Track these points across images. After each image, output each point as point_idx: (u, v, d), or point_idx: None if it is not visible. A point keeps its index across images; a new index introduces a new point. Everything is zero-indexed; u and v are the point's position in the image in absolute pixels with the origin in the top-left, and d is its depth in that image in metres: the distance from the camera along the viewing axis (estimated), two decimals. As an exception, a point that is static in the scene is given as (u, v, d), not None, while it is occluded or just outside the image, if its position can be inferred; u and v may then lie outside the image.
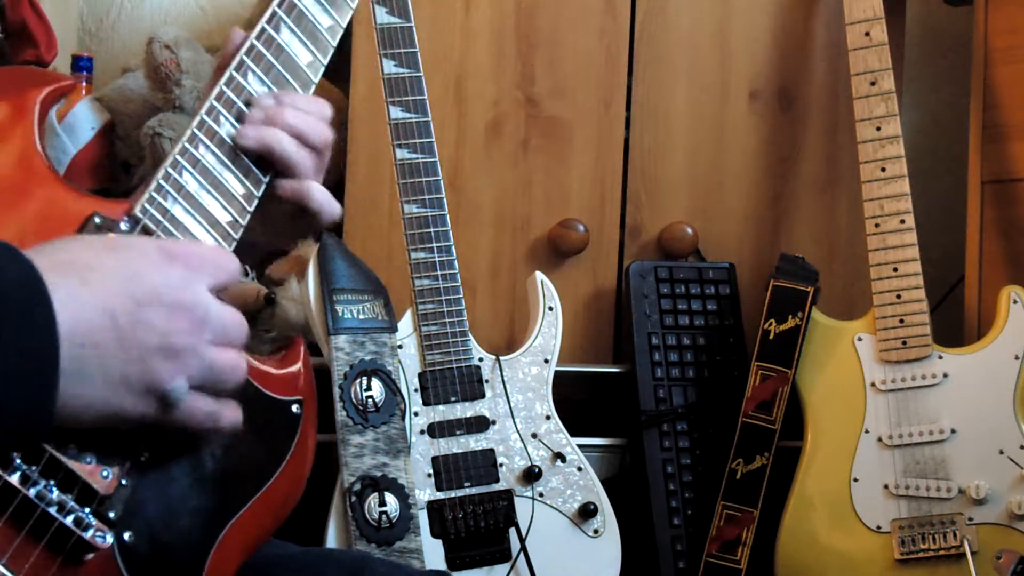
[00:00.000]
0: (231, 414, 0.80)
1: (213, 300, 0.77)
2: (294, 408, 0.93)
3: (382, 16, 1.61)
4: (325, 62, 0.95)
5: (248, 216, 0.89)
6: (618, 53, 1.93)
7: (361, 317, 1.59)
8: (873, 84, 1.76)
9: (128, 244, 0.76)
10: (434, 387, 1.63)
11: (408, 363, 1.62)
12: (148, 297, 0.74)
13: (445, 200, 1.62)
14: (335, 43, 0.95)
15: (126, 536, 0.80)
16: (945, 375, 1.71)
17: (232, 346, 0.79)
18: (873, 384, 1.72)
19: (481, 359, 1.66)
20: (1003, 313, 1.72)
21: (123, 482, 0.80)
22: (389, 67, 1.61)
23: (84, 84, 2.15)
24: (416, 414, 1.61)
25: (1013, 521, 1.66)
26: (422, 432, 1.61)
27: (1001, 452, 1.68)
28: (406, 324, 1.63)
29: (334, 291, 1.58)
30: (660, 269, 1.84)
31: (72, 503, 0.77)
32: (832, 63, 1.95)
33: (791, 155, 1.96)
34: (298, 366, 0.95)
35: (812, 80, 1.96)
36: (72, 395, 0.70)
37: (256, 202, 0.90)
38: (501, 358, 1.67)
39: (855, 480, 1.70)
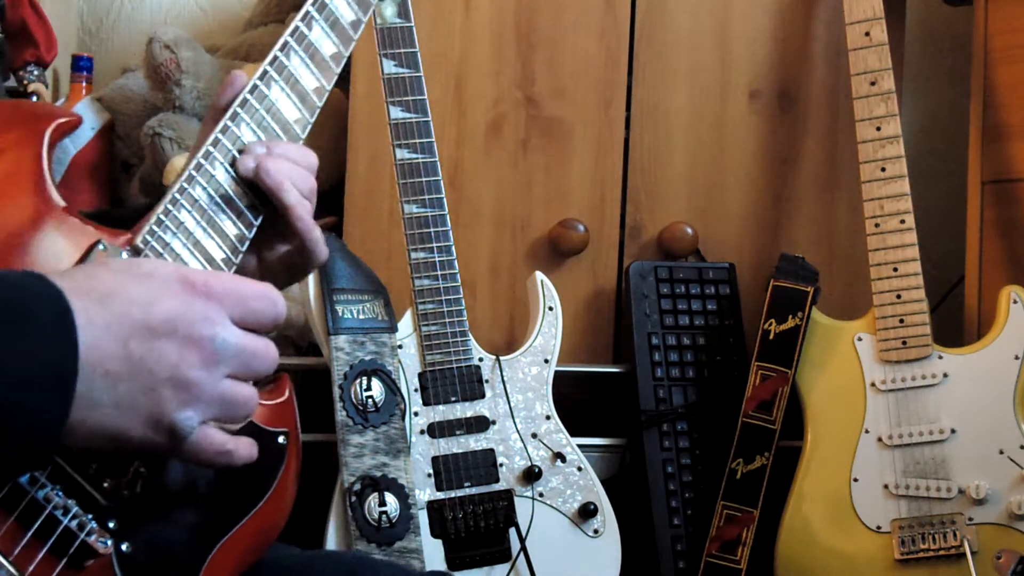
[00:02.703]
0: (245, 451, 0.80)
1: (233, 332, 0.77)
2: (280, 439, 0.95)
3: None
4: (311, 120, 1.00)
5: (240, 256, 0.92)
6: (618, 53, 1.93)
7: (361, 317, 1.59)
8: (873, 84, 1.76)
9: (152, 271, 0.76)
10: (434, 387, 1.63)
11: (408, 363, 1.62)
12: (163, 327, 0.74)
13: (445, 200, 1.62)
14: (321, 104, 1.00)
15: (123, 547, 0.82)
16: (945, 375, 1.71)
17: (252, 378, 0.79)
18: (873, 384, 1.72)
19: (481, 359, 1.66)
20: (1003, 313, 1.72)
21: (123, 493, 0.82)
22: (389, 67, 1.61)
23: (84, 84, 2.15)
24: (416, 414, 1.61)
25: (1013, 521, 1.66)
26: (422, 432, 1.61)
27: (1001, 452, 1.68)
28: (406, 324, 1.63)
29: (334, 291, 1.58)
30: (660, 269, 1.84)
31: (76, 508, 0.79)
32: (832, 63, 1.95)
33: (791, 155, 1.96)
34: (285, 398, 0.98)
35: (812, 80, 1.96)
36: (80, 418, 0.71)
37: (248, 243, 0.93)
38: (501, 358, 1.67)
39: (855, 480, 1.70)
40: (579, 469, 1.67)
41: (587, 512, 1.65)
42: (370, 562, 1.10)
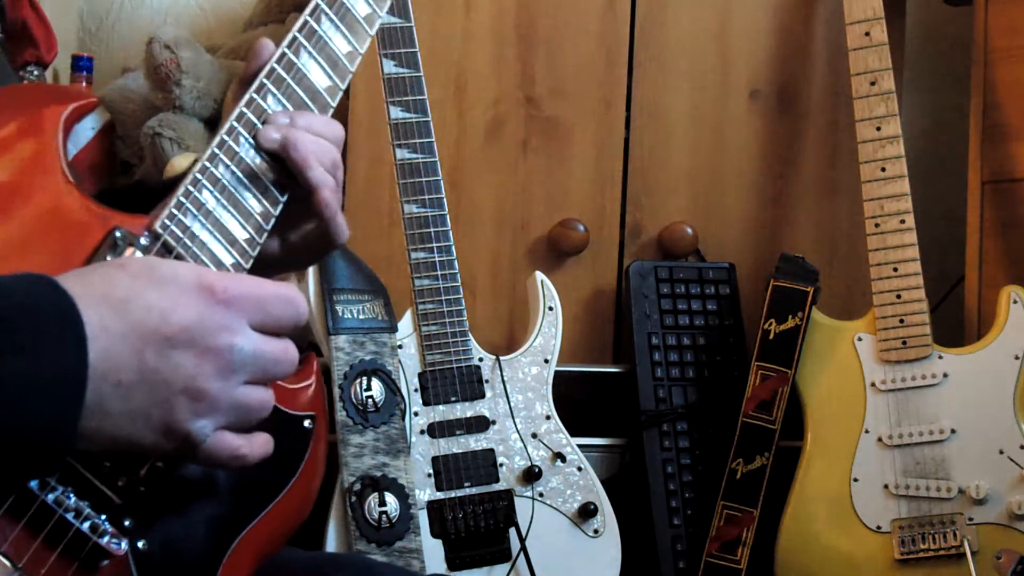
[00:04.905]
0: (260, 450, 0.79)
1: (251, 339, 0.75)
2: (306, 423, 0.93)
3: (382, 16, 1.61)
4: (343, 87, 0.95)
5: (265, 234, 0.89)
6: (618, 53, 1.93)
7: (361, 317, 1.59)
8: (873, 84, 1.76)
9: (171, 277, 0.74)
10: (434, 387, 1.63)
11: (408, 363, 1.62)
12: (180, 337, 0.72)
13: (445, 200, 1.62)
14: (354, 69, 0.95)
15: (140, 544, 0.81)
16: (945, 375, 1.71)
17: (269, 381, 0.78)
18: (873, 384, 1.72)
19: (481, 359, 1.66)
20: (1003, 313, 1.72)
21: (139, 489, 0.80)
22: (389, 67, 1.61)
23: (84, 84, 2.15)
24: (416, 414, 1.61)
25: (1013, 521, 1.66)
26: (422, 432, 1.61)
27: (1001, 452, 1.68)
28: (406, 324, 1.63)
29: (334, 291, 1.58)
30: (660, 269, 1.84)
31: (88, 510, 0.77)
32: (832, 63, 1.95)
33: (791, 155, 1.96)
34: (311, 380, 0.95)
35: (812, 80, 1.96)
36: (92, 427, 0.70)
37: (273, 221, 0.89)
38: (501, 358, 1.67)
39: (855, 480, 1.70)
40: (579, 469, 1.67)
41: (587, 512, 1.65)
42: (378, 566, 1.10)
